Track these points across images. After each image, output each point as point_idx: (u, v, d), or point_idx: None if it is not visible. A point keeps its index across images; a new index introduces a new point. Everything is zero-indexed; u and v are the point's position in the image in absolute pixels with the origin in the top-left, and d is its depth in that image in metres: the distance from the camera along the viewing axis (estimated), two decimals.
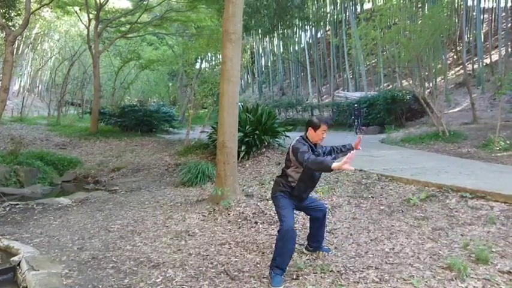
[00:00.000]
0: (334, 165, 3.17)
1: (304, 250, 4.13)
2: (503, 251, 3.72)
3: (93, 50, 17.85)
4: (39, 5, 16.69)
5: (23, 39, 26.35)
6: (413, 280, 3.28)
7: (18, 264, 4.13)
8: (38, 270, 3.84)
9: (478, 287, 3.13)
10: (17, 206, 7.21)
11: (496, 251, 3.74)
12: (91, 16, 17.94)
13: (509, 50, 18.74)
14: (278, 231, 3.52)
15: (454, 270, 3.38)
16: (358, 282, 3.35)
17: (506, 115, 12.34)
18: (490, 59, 19.82)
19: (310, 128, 3.60)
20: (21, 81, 33.70)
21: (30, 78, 33.84)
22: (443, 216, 4.77)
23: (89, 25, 18.05)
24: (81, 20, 20.53)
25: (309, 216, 4.13)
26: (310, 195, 3.96)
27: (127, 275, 3.84)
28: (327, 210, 4.09)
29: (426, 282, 3.26)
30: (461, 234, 4.23)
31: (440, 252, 3.85)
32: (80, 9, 19.31)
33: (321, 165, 3.29)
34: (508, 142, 9.18)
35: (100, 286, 3.61)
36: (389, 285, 3.26)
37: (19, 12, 15.47)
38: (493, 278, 3.24)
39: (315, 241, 4.06)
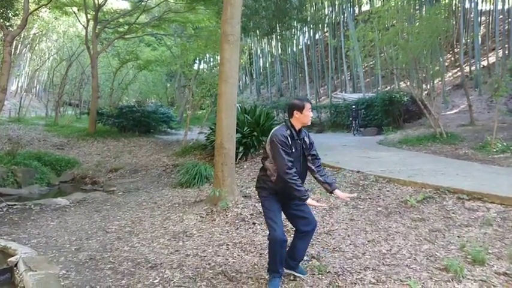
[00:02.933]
0: (309, 201, 3.25)
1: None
2: (499, 253, 3.75)
3: (91, 50, 17.81)
4: (37, 6, 16.67)
5: (21, 39, 26.29)
6: (410, 281, 3.29)
7: (16, 265, 4.13)
8: (36, 271, 3.84)
9: None
10: (15, 207, 7.21)
11: (492, 252, 3.76)
12: (89, 17, 17.91)
13: (506, 52, 18.81)
14: (268, 237, 3.36)
15: (450, 272, 3.40)
16: (355, 284, 3.37)
17: (503, 117, 12.36)
18: (488, 61, 19.89)
19: (295, 111, 3.34)
20: (18, 81, 33.58)
21: (28, 78, 33.72)
22: (440, 218, 4.79)
23: (87, 26, 18.02)
24: (79, 21, 20.49)
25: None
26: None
27: (125, 276, 3.85)
28: (316, 223, 3.55)
29: (423, 283, 3.28)
30: (458, 236, 4.25)
31: (437, 253, 3.87)
32: (78, 10, 19.28)
33: (293, 190, 3.18)
34: (505, 144, 9.21)
35: (98, 287, 3.61)
36: (386, 286, 3.28)
37: (17, 12, 15.44)
38: (490, 279, 3.26)
39: (296, 257, 3.54)
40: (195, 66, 20.33)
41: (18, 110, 24.08)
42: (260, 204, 3.63)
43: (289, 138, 3.28)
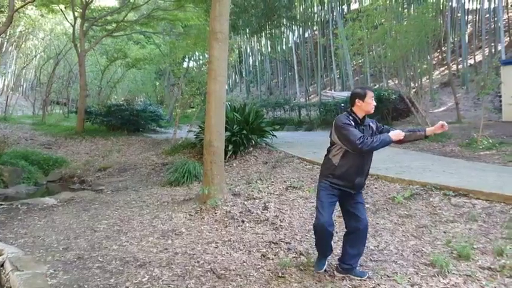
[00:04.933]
0: (395, 135, 3.25)
1: (334, 272, 3.55)
2: (484, 248, 3.81)
3: (78, 48, 17.61)
4: (23, 3, 16.43)
5: (7, 37, 25.88)
6: (396, 277, 3.34)
7: (2, 265, 4.08)
8: (23, 270, 3.80)
9: (460, 283, 3.20)
10: (1, 207, 7.11)
11: (477, 247, 3.82)
12: (77, 14, 17.67)
13: (493, 50, 19.08)
14: (313, 224, 3.46)
15: (436, 267, 3.45)
16: (343, 279, 3.41)
17: (489, 115, 12.56)
18: (474, 59, 20.17)
19: (357, 99, 3.33)
20: (5, 80, 33.10)
21: (14, 76, 33.18)
22: (427, 214, 4.86)
23: (75, 23, 17.79)
24: (66, 18, 20.21)
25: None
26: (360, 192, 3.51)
27: (113, 274, 3.83)
28: (367, 223, 3.48)
29: (409, 278, 3.33)
30: (444, 232, 4.31)
31: (423, 249, 3.93)
32: (65, 7, 19.01)
33: (381, 145, 3.19)
34: (490, 141, 9.35)
35: (86, 286, 3.58)
36: (373, 282, 3.32)
37: (2, 10, 15.21)
38: (474, 273, 3.32)
39: (344, 260, 3.48)
40: (184, 65, 20.21)
41: (4, 109, 23.71)
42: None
43: (352, 123, 3.28)
